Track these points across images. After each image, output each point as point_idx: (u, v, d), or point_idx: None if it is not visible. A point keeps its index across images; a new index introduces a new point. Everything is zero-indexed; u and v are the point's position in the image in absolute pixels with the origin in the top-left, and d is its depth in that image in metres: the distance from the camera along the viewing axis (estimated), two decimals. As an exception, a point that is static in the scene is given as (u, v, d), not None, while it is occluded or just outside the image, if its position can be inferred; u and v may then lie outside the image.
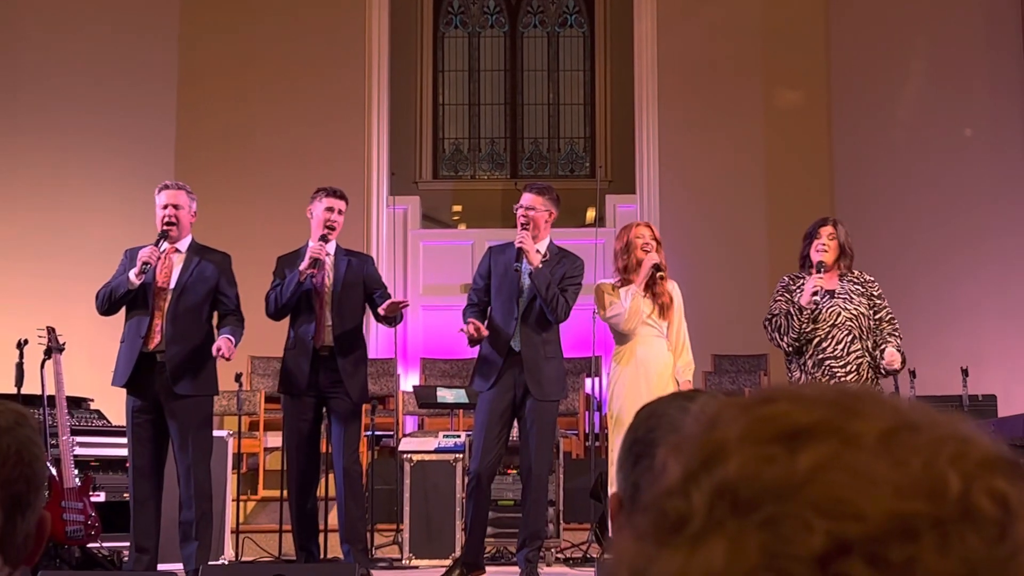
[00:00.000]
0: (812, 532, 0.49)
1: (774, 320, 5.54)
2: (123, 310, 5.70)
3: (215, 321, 5.81)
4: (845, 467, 0.50)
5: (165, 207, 5.70)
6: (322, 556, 6.55)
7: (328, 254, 5.97)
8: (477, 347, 5.87)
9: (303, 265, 5.78)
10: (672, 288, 5.90)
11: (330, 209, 5.95)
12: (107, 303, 5.63)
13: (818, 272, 5.48)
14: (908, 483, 0.50)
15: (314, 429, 5.91)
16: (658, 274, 5.78)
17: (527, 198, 5.86)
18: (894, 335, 5.52)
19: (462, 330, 5.74)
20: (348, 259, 6.04)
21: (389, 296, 6.04)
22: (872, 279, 5.63)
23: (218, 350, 5.55)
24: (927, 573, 0.48)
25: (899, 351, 5.47)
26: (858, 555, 0.48)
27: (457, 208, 12.62)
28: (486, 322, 5.81)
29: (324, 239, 5.90)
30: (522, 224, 5.78)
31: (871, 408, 0.53)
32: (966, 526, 0.49)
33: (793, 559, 0.49)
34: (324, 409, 5.94)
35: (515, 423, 5.86)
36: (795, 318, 5.44)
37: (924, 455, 0.51)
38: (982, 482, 0.50)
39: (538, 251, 5.78)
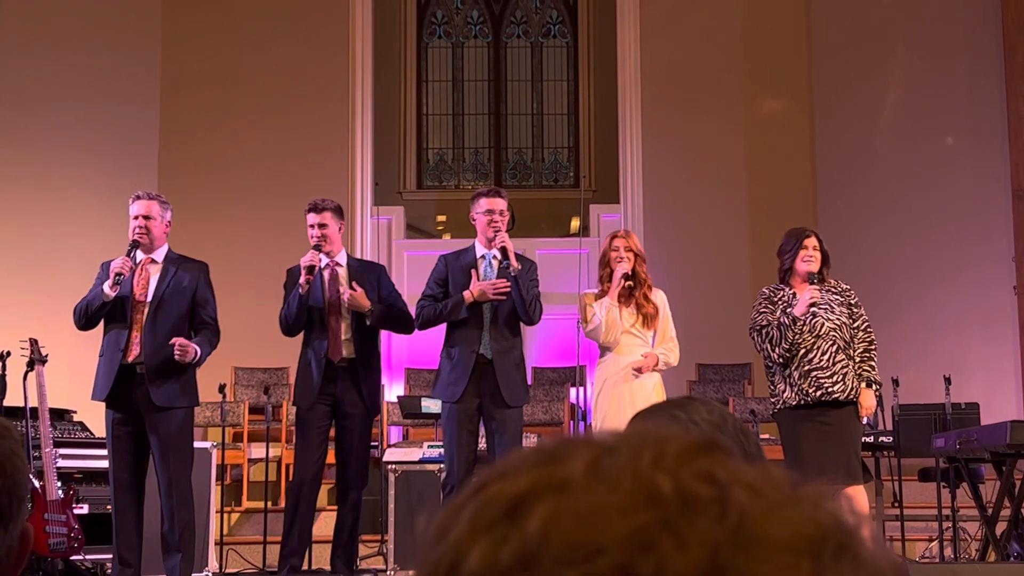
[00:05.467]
0: None
1: (764, 331, 5.54)
2: (101, 323, 5.67)
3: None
4: (569, 513, 0.51)
5: (136, 218, 5.68)
6: (307, 567, 6.53)
7: (339, 265, 5.96)
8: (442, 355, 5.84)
9: (301, 279, 5.78)
10: (656, 296, 5.90)
11: (312, 225, 5.94)
12: (84, 317, 5.59)
13: (811, 283, 5.51)
14: (627, 500, 0.51)
15: (326, 440, 5.88)
16: (626, 283, 5.78)
17: (501, 202, 5.84)
18: (869, 354, 5.54)
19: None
20: (361, 271, 5.99)
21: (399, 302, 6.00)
22: (849, 288, 5.65)
23: (176, 345, 5.43)
24: (677, 572, 0.49)
25: (872, 383, 5.50)
26: None
27: (441, 218, 12.63)
28: (449, 333, 5.80)
29: (317, 248, 5.88)
30: (497, 229, 5.77)
31: (569, 450, 0.55)
32: (691, 515, 0.51)
33: None
34: (334, 419, 5.89)
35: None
36: (788, 328, 5.45)
37: (629, 470, 0.53)
38: (687, 470, 0.52)
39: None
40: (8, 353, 6.09)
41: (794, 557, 0.50)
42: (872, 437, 6.78)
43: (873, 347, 5.55)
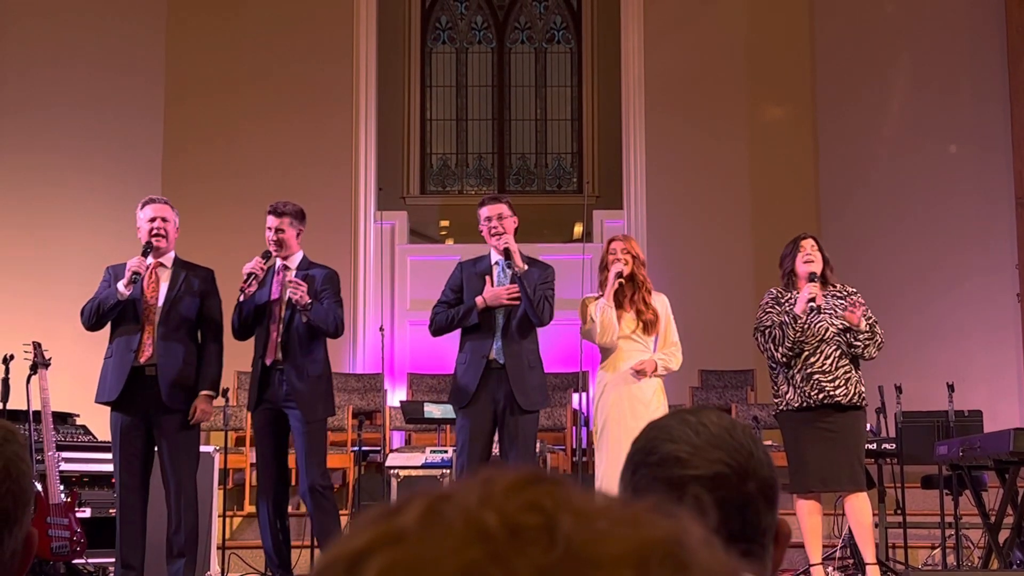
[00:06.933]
0: None
1: (767, 331, 5.54)
2: (108, 326, 5.67)
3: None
4: (403, 562, 0.52)
5: (153, 220, 5.68)
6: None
7: (288, 268, 5.88)
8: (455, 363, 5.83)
9: (244, 284, 5.72)
10: (657, 301, 5.88)
11: (269, 228, 5.87)
12: (94, 316, 5.60)
13: (811, 281, 5.51)
14: (459, 540, 0.53)
15: (278, 443, 5.83)
16: (618, 280, 5.75)
17: (498, 207, 5.80)
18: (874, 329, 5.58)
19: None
20: (307, 273, 5.85)
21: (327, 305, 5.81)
22: (854, 290, 5.66)
23: (194, 413, 5.54)
24: None
25: (868, 324, 5.51)
26: None
27: (444, 223, 12.63)
28: (464, 341, 5.80)
29: (266, 255, 5.82)
30: (495, 234, 5.77)
31: (406, 503, 0.56)
32: (519, 545, 0.52)
33: None
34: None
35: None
36: (790, 327, 5.45)
37: (460, 512, 0.54)
38: (513, 503, 0.54)
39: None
40: (11, 356, 6.10)
41: (620, 571, 0.51)
42: (875, 444, 6.78)
43: (879, 332, 5.56)
